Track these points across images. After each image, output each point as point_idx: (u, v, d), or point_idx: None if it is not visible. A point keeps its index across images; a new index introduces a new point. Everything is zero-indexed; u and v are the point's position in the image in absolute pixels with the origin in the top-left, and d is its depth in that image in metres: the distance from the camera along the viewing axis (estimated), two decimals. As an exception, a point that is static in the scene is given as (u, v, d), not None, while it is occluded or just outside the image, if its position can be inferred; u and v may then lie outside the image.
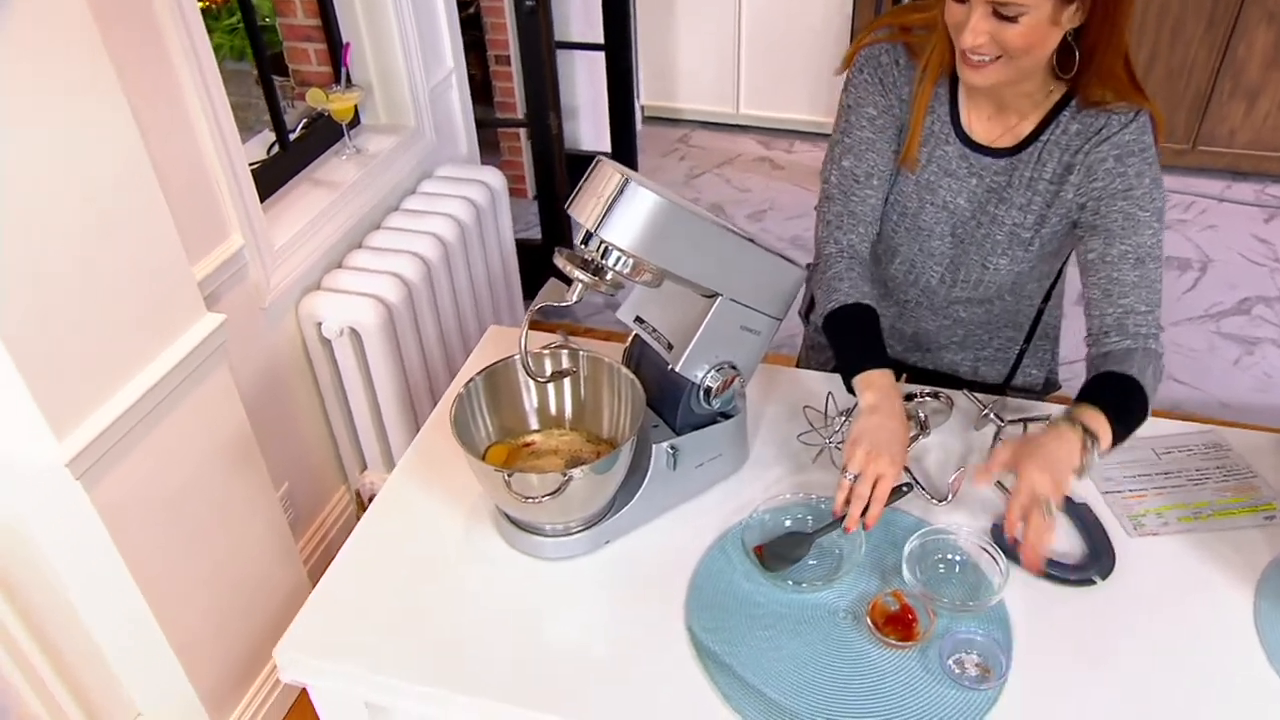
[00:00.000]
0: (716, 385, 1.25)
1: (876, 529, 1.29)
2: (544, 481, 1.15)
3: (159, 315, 1.62)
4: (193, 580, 1.79)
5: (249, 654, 1.95)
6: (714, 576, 1.24)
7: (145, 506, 1.64)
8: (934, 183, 1.40)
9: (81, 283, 1.46)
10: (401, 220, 2.42)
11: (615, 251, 1.12)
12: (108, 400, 1.54)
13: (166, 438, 1.67)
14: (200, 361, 1.70)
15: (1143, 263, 1.28)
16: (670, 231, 1.13)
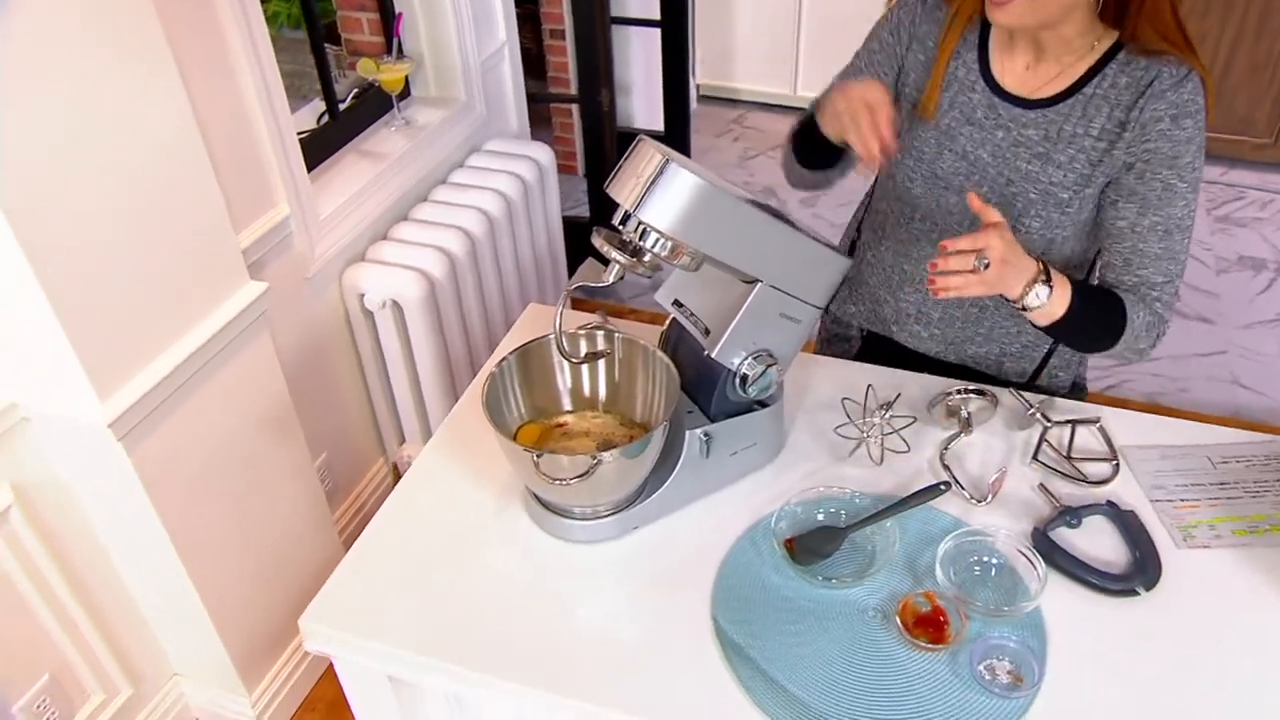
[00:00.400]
0: (753, 373, 1.24)
1: (912, 526, 1.28)
2: (573, 464, 1.15)
3: (203, 282, 1.65)
4: (228, 545, 1.82)
5: (281, 622, 1.99)
6: (742, 568, 1.24)
7: (184, 470, 1.68)
8: (954, 129, 1.36)
9: (127, 248, 1.49)
10: (448, 194, 2.43)
11: (653, 233, 1.11)
12: (150, 364, 1.57)
13: (206, 403, 1.70)
14: (242, 329, 1.73)
15: (1170, 234, 1.26)
16: (710, 215, 1.11)
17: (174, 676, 2.01)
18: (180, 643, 1.94)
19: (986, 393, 1.43)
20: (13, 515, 1.57)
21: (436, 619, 1.19)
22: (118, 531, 1.73)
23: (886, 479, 1.36)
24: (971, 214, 1.35)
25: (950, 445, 1.39)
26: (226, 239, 1.68)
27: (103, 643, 1.80)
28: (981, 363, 1.57)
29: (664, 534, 1.29)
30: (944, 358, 1.57)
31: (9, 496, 1.56)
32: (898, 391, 1.46)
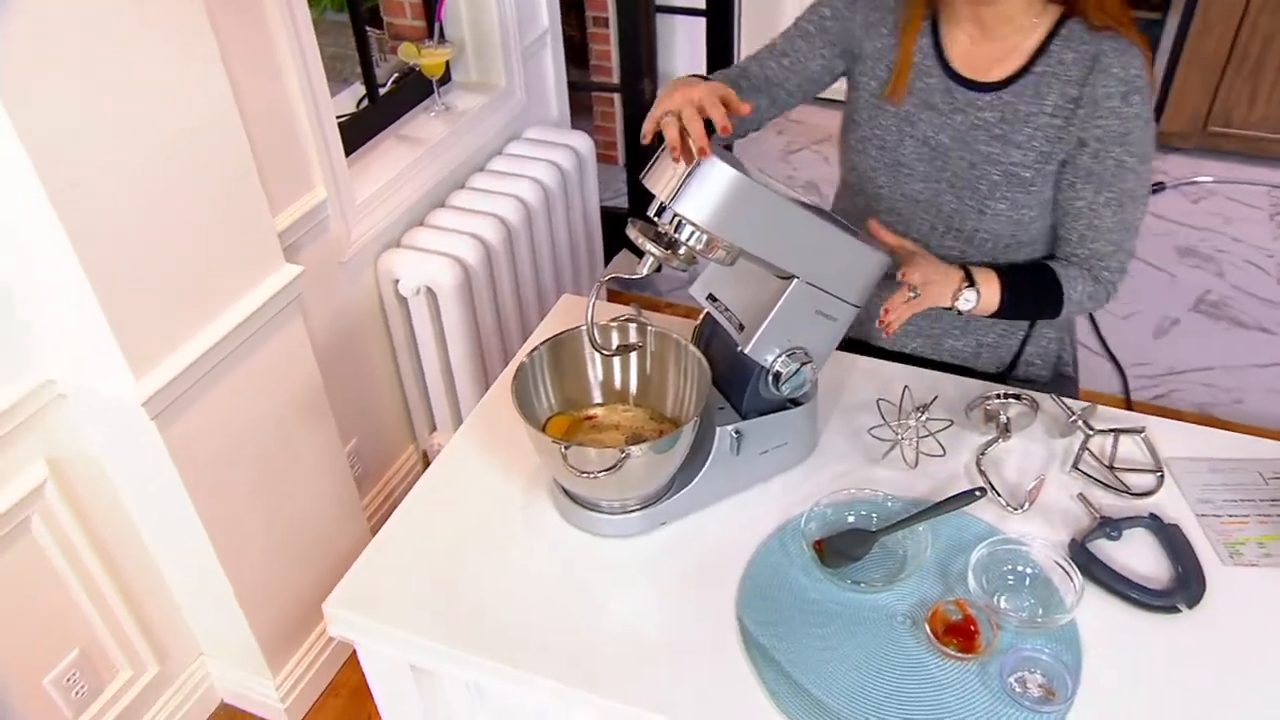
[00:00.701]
0: (787, 371, 1.23)
1: (945, 532, 1.26)
2: (601, 457, 1.15)
3: (238, 264, 1.67)
4: (256, 527, 1.84)
5: (307, 606, 2.01)
6: (770, 568, 1.23)
7: (215, 450, 1.70)
8: (913, 115, 1.38)
9: (165, 228, 1.51)
10: (485, 181, 2.44)
11: (689, 226, 1.11)
12: (185, 344, 1.59)
13: (239, 385, 1.71)
14: (276, 312, 1.74)
15: (1123, 207, 1.32)
16: (747, 209, 1.11)
17: (200, 656, 2.04)
18: (207, 623, 1.97)
19: (1026, 398, 1.41)
20: (48, 490, 1.60)
21: (460, 609, 1.20)
22: (149, 510, 1.76)
23: (920, 483, 1.35)
24: (936, 206, 1.40)
25: (987, 450, 1.38)
26: (263, 221, 1.70)
27: (132, 620, 1.84)
28: (959, 355, 1.57)
29: (691, 531, 1.29)
30: (921, 353, 1.58)
31: (44, 471, 1.59)
32: (935, 394, 1.44)
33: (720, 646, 1.15)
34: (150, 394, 1.53)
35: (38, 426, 1.57)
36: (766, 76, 1.43)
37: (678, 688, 1.11)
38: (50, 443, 1.59)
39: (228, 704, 2.08)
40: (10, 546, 1.58)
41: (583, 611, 1.19)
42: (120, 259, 1.45)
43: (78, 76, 1.32)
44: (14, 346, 1.50)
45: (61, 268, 1.40)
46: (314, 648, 2.07)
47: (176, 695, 1.99)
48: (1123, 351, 2.98)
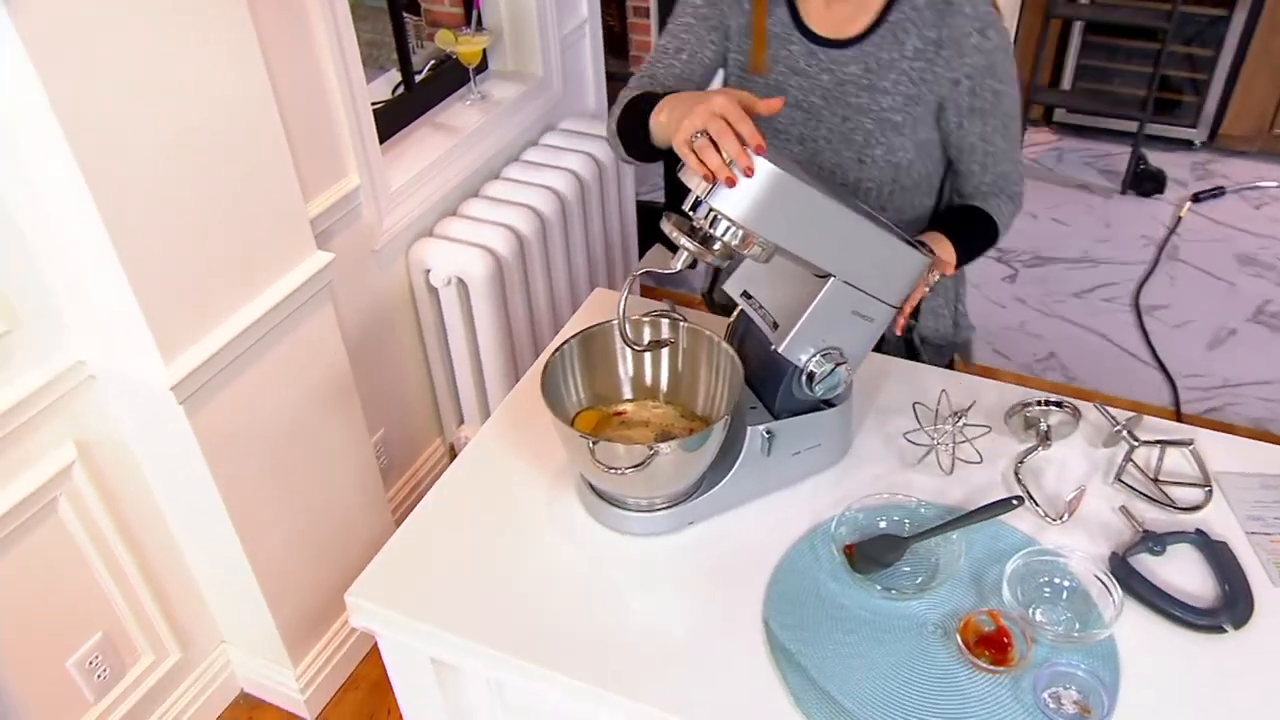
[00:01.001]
0: (821, 371, 1.23)
1: (980, 541, 1.26)
2: (630, 453, 1.16)
3: (270, 249, 1.69)
4: (281, 515, 1.88)
5: (329, 597, 2.04)
6: (798, 572, 1.24)
7: (242, 437, 1.73)
8: (783, 83, 1.44)
9: (198, 212, 1.54)
10: (520, 172, 2.46)
11: (724, 221, 1.11)
12: (214, 329, 1.63)
13: (267, 372, 1.74)
14: (306, 299, 1.77)
15: (1008, 127, 1.44)
16: (785, 205, 1.11)
17: (222, 644, 2.07)
18: (230, 611, 2.00)
19: (1068, 406, 1.41)
20: (76, 472, 1.64)
21: (483, 603, 1.21)
22: (175, 495, 1.80)
23: (955, 490, 1.34)
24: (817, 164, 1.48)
25: (1026, 459, 1.37)
26: (296, 207, 1.73)
27: (155, 605, 1.87)
28: None
29: (719, 532, 1.29)
30: None
31: (72, 453, 1.62)
32: (973, 399, 1.44)
33: (745, 650, 1.15)
34: (179, 378, 1.56)
35: (67, 408, 1.60)
36: (675, 76, 1.46)
37: (701, 690, 1.12)
38: (79, 425, 1.63)
39: (248, 693, 2.12)
40: (37, 527, 1.62)
41: (607, 610, 1.21)
42: (152, 240, 1.48)
43: (114, 56, 1.35)
44: (46, 327, 1.54)
45: (94, 248, 1.43)
46: (335, 639, 2.11)
47: (197, 682, 2.03)
48: (1174, 362, 2.95)
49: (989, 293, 3.30)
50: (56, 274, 1.51)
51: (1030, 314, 3.19)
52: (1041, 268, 3.40)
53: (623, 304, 1.21)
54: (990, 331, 3.13)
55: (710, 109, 1.10)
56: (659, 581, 1.24)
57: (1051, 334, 3.10)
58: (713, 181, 1.10)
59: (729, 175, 1.08)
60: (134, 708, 1.89)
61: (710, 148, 1.09)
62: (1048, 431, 1.40)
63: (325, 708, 2.10)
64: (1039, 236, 3.56)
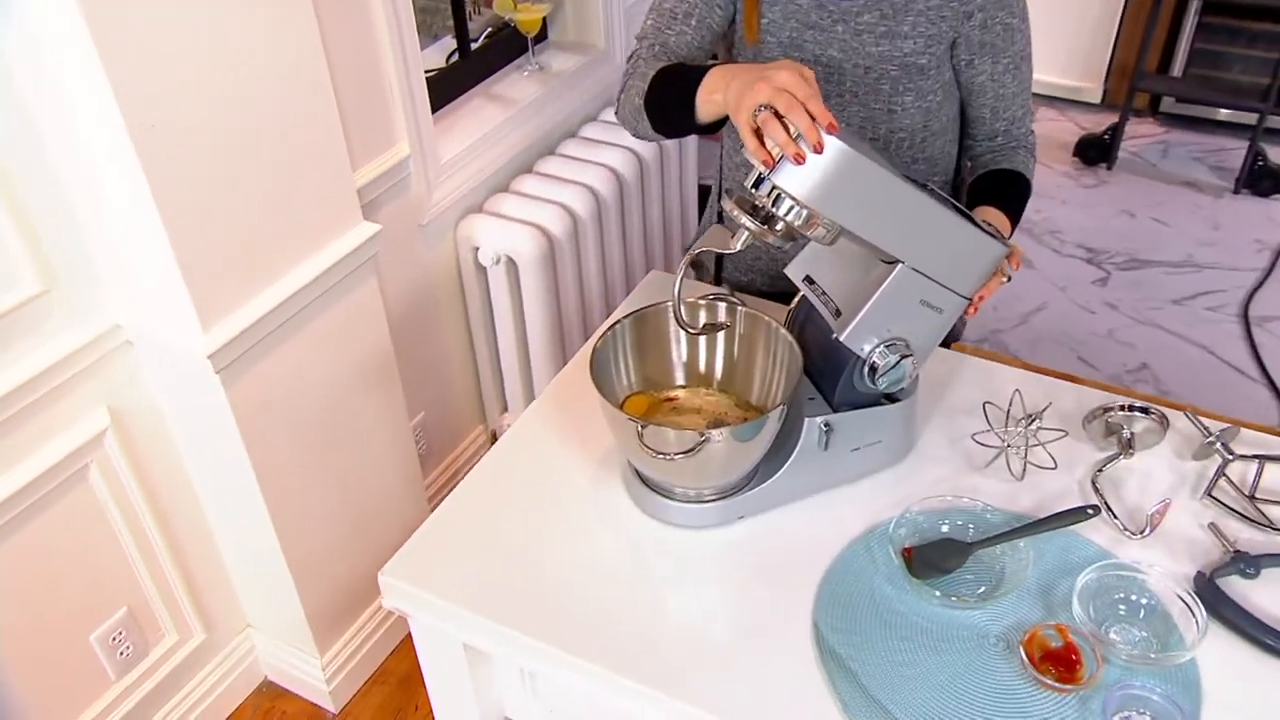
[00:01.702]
0: (884, 363, 1.25)
1: (1050, 552, 1.27)
2: (680, 438, 1.20)
3: (315, 218, 1.75)
4: (315, 496, 1.94)
5: (361, 582, 2.10)
6: (853, 574, 1.26)
7: (278, 411, 1.79)
8: (797, 39, 1.48)
9: (243, 176, 1.60)
10: (577, 148, 2.50)
11: (788, 200, 1.13)
12: (255, 297, 1.69)
13: (308, 344, 1.80)
14: (350, 270, 1.83)
15: (1019, 68, 1.50)
16: (854, 185, 1.13)
17: (247, 628, 2.14)
18: (257, 593, 2.07)
19: (1154, 412, 1.41)
20: (108, 439, 1.71)
21: (519, 589, 1.25)
22: (207, 469, 1.86)
23: (1026, 496, 1.36)
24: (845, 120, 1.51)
25: (1106, 467, 1.38)
26: (343, 175, 1.78)
27: (182, 583, 1.95)
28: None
29: (770, 527, 1.32)
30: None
31: (105, 419, 1.70)
32: (1049, 400, 1.45)
33: (792, 652, 1.18)
34: (217, 346, 1.62)
35: (102, 372, 1.67)
36: (688, 45, 1.48)
37: (744, 690, 1.14)
38: (113, 390, 1.70)
39: (271, 681, 2.18)
40: (67, 493, 1.69)
41: (648, 603, 1.24)
42: (196, 204, 1.54)
43: (167, 16, 1.41)
44: (84, 289, 1.61)
45: (137, 209, 1.50)
46: (364, 630, 2.16)
47: (220, 666, 2.10)
48: (1282, 376, 2.92)
49: (1076, 295, 3.27)
50: (97, 235, 1.58)
51: (1122, 321, 3.17)
52: (1137, 271, 3.37)
53: (678, 284, 1.24)
54: (1075, 338, 3.11)
55: (775, 84, 1.12)
56: (704, 576, 1.28)
57: (1145, 343, 3.08)
58: (774, 162, 1.12)
59: (797, 151, 1.11)
60: (155, 690, 1.96)
61: (775, 122, 1.11)
62: (1131, 439, 1.40)
63: (351, 701, 2.16)
64: (1137, 237, 3.53)
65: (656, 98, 1.39)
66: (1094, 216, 3.65)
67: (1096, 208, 3.70)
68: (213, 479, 1.88)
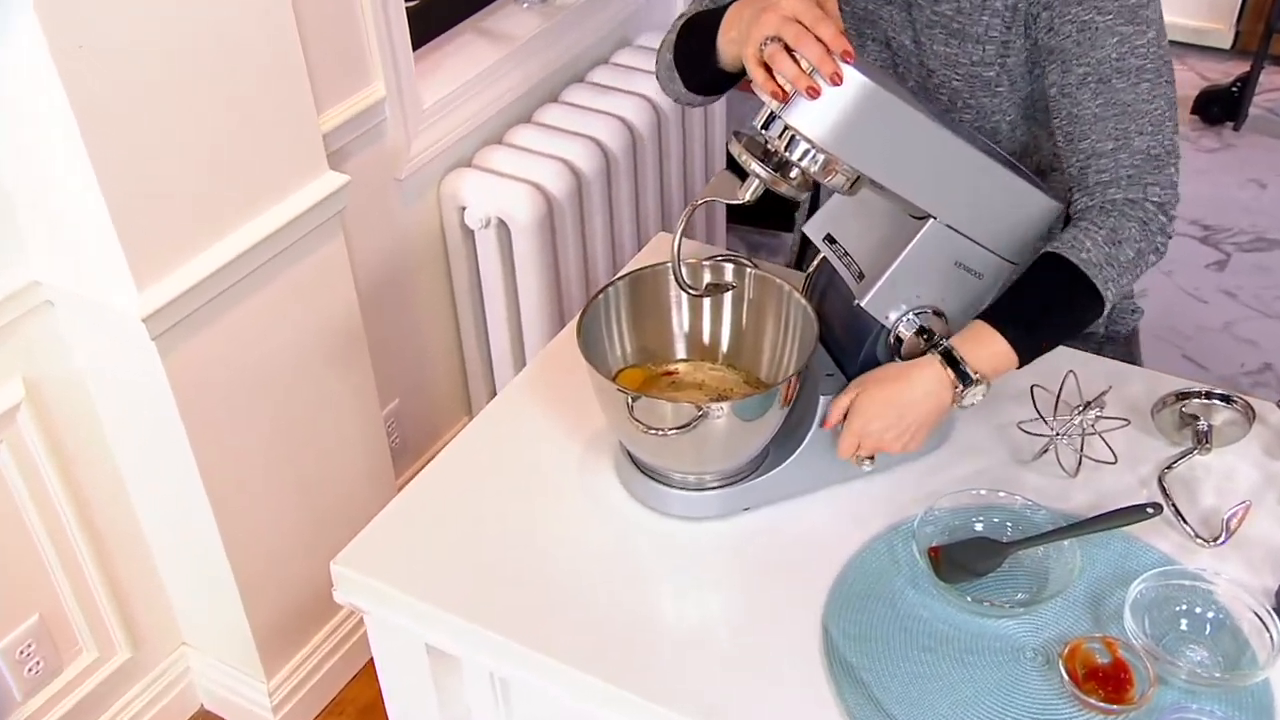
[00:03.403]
0: (911, 334, 1.33)
1: (1102, 556, 1.34)
2: (676, 412, 1.28)
3: (272, 164, 1.83)
4: (266, 489, 2.02)
5: (317, 595, 2.16)
6: (871, 574, 1.35)
7: (224, 388, 1.87)
8: (874, 12, 1.48)
9: (187, 110, 1.68)
10: (584, 95, 2.58)
11: (803, 143, 1.21)
12: (200, 253, 1.76)
13: (262, 311, 1.89)
14: (313, 227, 1.91)
15: (1107, 83, 1.33)
16: (876, 125, 1.21)
17: (181, 646, 2.22)
18: (195, 604, 2.14)
19: (1238, 401, 1.47)
20: (21, 416, 1.78)
21: (492, 583, 1.35)
22: (138, 454, 1.94)
23: (1079, 494, 1.43)
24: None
25: (1176, 464, 1.45)
26: (306, 116, 1.87)
27: (105, 589, 2.01)
28: None
29: (779, 520, 1.41)
30: None
31: (19, 392, 1.76)
32: (1109, 384, 1.50)
33: (798, 658, 1.27)
34: (155, 308, 1.69)
35: (16, 337, 1.74)
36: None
37: (743, 701, 1.23)
38: (29, 359, 1.77)
39: (208, 710, 2.26)
40: (-28, 477, 1.77)
41: (640, 602, 1.33)
42: (131, 140, 1.61)
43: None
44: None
45: (60, 144, 1.56)
46: (320, 651, 2.25)
47: (148, 690, 2.17)
48: None
49: (1185, 281, 3.29)
50: (11, 174, 1.64)
51: (1242, 313, 3.19)
52: (1264, 253, 3.38)
53: (677, 239, 1.32)
54: (1181, 333, 3.13)
55: (782, 11, 1.19)
56: (703, 573, 1.37)
57: (1271, 340, 3.09)
58: (786, 97, 1.20)
59: (810, 84, 1.18)
60: (68, 715, 2.02)
61: (783, 53, 1.19)
62: (1208, 432, 1.46)
63: (302, 734, 2.24)
64: (1266, 211, 3.52)
65: (684, 50, 1.47)
66: (1213, 186, 3.66)
67: (1217, 175, 3.70)
68: (146, 466, 1.95)
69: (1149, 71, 1.33)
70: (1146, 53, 1.33)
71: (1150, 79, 1.33)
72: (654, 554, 1.39)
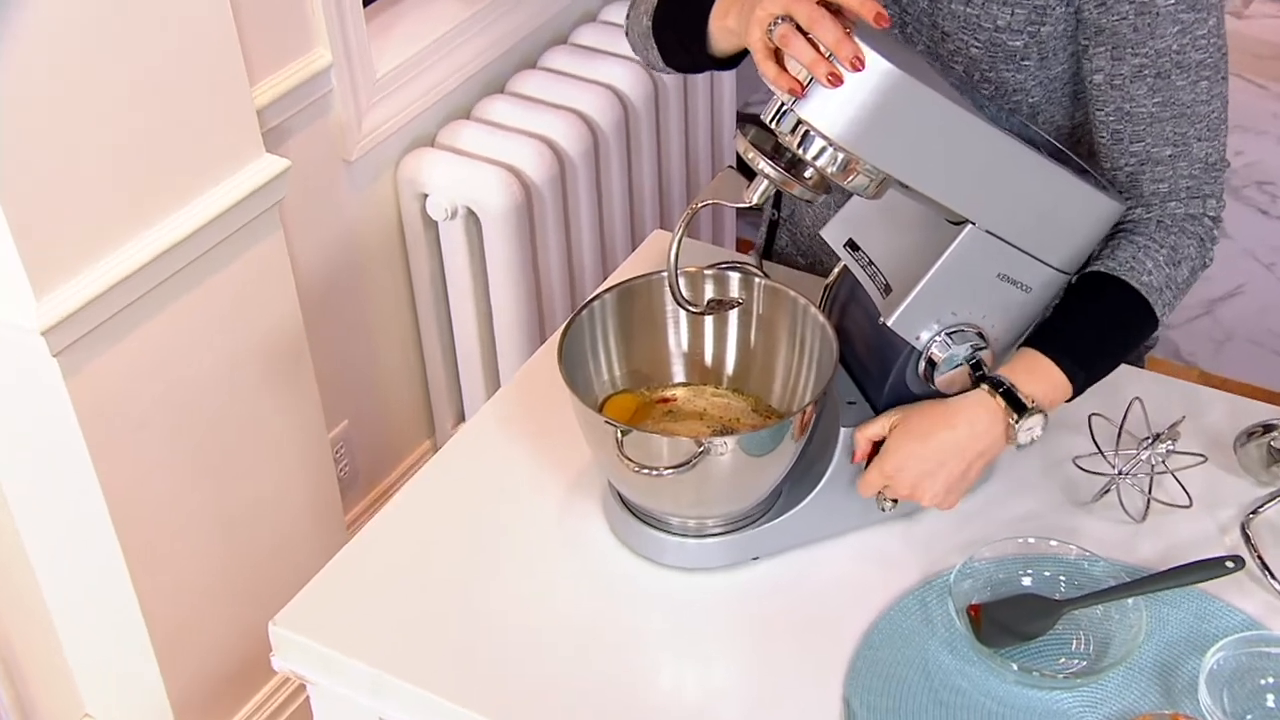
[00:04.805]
0: (946, 357, 1.35)
1: (1175, 617, 1.37)
2: (673, 448, 1.31)
3: (195, 148, 1.85)
4: (191, 533, 2.03)
5: (250, 657, 2.17)
6: (900, 636, 1.37)
7: (140, 415, 1.88)
8: None
9: (92, 86, 1.69)
10: (567, 60, 2.60)
11: (818, 140, 1.23)
12: (110, 254, 1.78)
13: (184, 321, 1.90)
14: (245, 221, 1.93)
15: (1166, 79, 1.36)
16: (904, 120, 1.22)
17: (84, 719, 2.23)
18: (101, 670, 2.14)
19: None
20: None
21: (458, 647, 1.37)
22: (34, 491, 1.94)
23: (1146, 543, 1.46)
24: None
25: (1264, 507, 1.47)
26: (236, 89, 1.89)
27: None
28: None
29: (793, 572, 1.44)
30: None
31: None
32: (1183, 413, 1.52)
33: (814, 737, 1.30)
34: (56, 320, 1.71)
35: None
36: None
37: (747, 787, 1.27)
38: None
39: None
40: None
41: (629, 668, 1.36)
42: (23, 125, 1.62)
43: None
44: None
45: None
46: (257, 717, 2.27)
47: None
48: None
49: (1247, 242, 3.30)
50: None
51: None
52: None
53: (674, 249, 1.33)
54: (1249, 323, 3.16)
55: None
56: (705, 635, 1.40)
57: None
58: (802, 89, 1.21)
59: (829, 69, 1.18)
60: None
61: (796, 36, 1.20)
62: (1288, 449, 1.49)
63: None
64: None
65: (665, 20, 1.49)
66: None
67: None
68: (42, 505, 1.96)
69: (1208, 67, 1.37)
70: (1207, 44, 1.36)
71: (1209, 76, 1.37)
72: (647, 612, 1.42)
